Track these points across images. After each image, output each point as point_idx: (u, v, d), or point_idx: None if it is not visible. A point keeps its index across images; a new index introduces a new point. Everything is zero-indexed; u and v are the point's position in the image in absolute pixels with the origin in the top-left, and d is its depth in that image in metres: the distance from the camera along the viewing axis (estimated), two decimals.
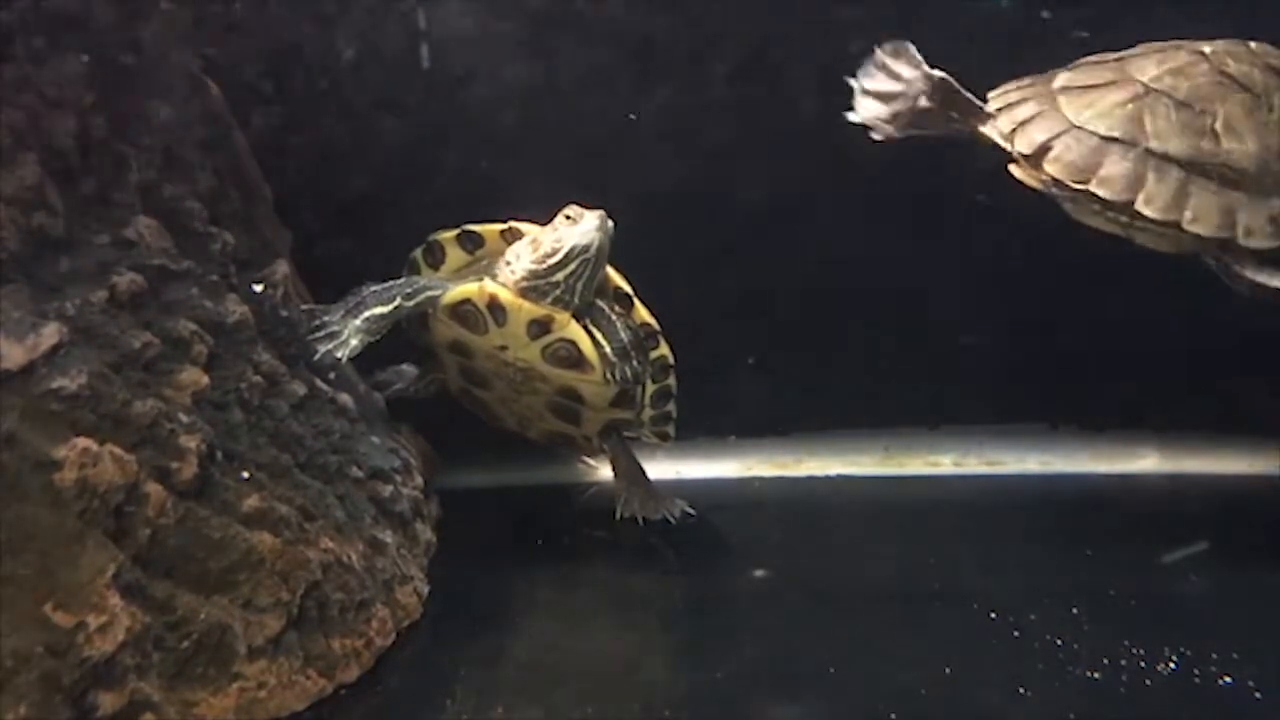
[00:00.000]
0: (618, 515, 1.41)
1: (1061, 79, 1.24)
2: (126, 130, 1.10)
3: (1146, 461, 1.65)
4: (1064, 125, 1.19)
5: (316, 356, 1.22)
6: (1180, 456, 1.65)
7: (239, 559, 0.95)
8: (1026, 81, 1.26)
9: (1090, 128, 1.18)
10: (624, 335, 1.33)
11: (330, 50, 1.53)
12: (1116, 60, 1.23)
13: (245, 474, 1.01)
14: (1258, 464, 1.61)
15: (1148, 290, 1.43)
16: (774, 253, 1.62)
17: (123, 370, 0.95)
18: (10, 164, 0.97)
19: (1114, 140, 1.16)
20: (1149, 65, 1.20)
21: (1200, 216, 1.13)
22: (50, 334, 0.90)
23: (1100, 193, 1.14)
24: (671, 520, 1.41)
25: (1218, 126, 1.15)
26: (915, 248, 1.57)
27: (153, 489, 0.91)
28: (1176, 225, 1.13)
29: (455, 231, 1.36)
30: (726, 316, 1.63)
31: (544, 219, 1.31)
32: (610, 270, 1.34)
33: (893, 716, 0.93)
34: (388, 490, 1.20)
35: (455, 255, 1.36)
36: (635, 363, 1.34)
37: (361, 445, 1.21)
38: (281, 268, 1.28)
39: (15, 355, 0.87)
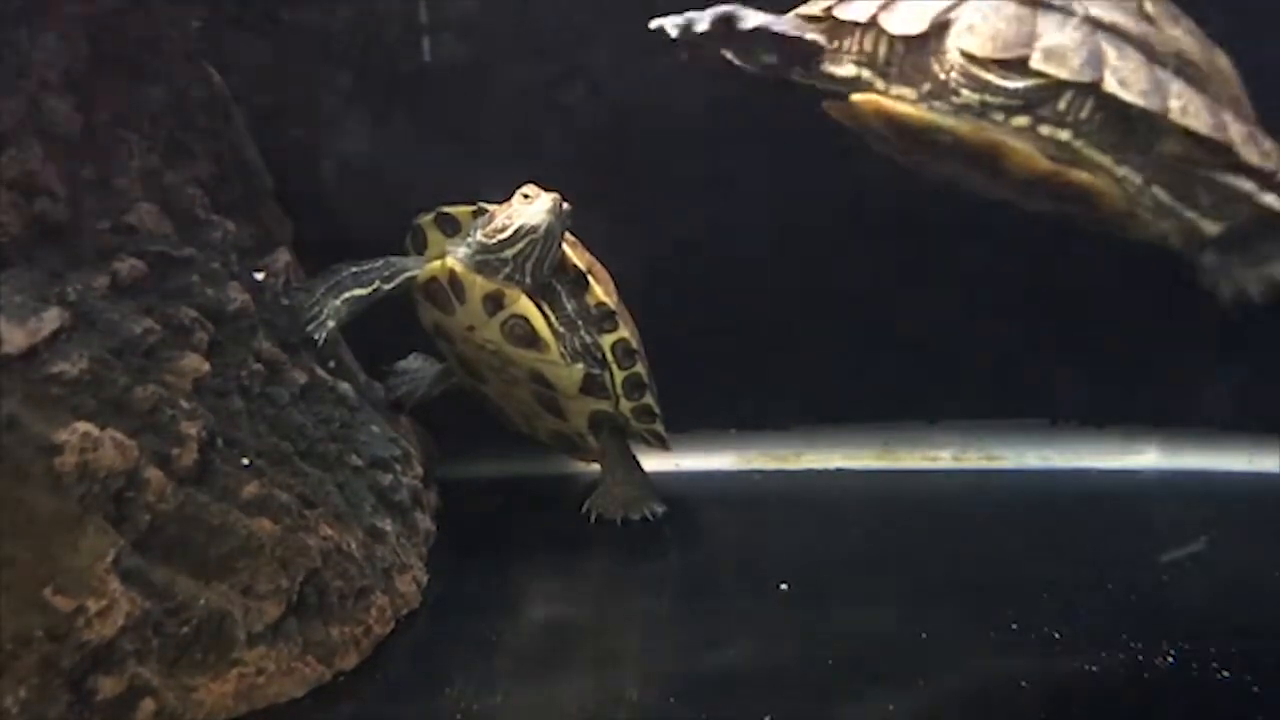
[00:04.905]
0: (585, 510, 1.41)
1: None
2: (128, 117, 1.10)
3: (1146, 457, 1.65)
4: None
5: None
6: (1180, 453, 1.65)
7: (239, 545, 0.95)
8: None
9: None
10: (569, 306, 1.35)
11: None
12: None
13: (245, 461, 1.01)
14: (1258, 461, 1.61)
15: (1149, 286, 1.43)
16: (776, 250, 1.62)
17: (124, 356, 0.95)
18: (12, 149, 0.97)
19: (1041, 5, 0.85)
20: None
21: (1191, 108, 0.84)
22: (52, 319, 0.90)
23: (1050, 70, 0.83)
24: (650, 519, 1.41)
25: (1148, 10, 0.88)
26: (916, 245, 1.57)
27: (153, 474, 0.91)
28: (1161, 117, 0.84)
29: (432, 215, 1.36)
30: (728, 312, 1.63)
31: None
32: (569, 250, 1.34)
33: (891, 709, 0.93)
34: (387, 479, 1.20)
35: (436, 238, 1.37)
36: (584, 334, 1.35)
37: (361, 434, 1.21)
38: (283, 256, 1.28)
39: (17, 339, 0.87)
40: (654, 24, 1.02)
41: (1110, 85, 0.84)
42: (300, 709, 0.95)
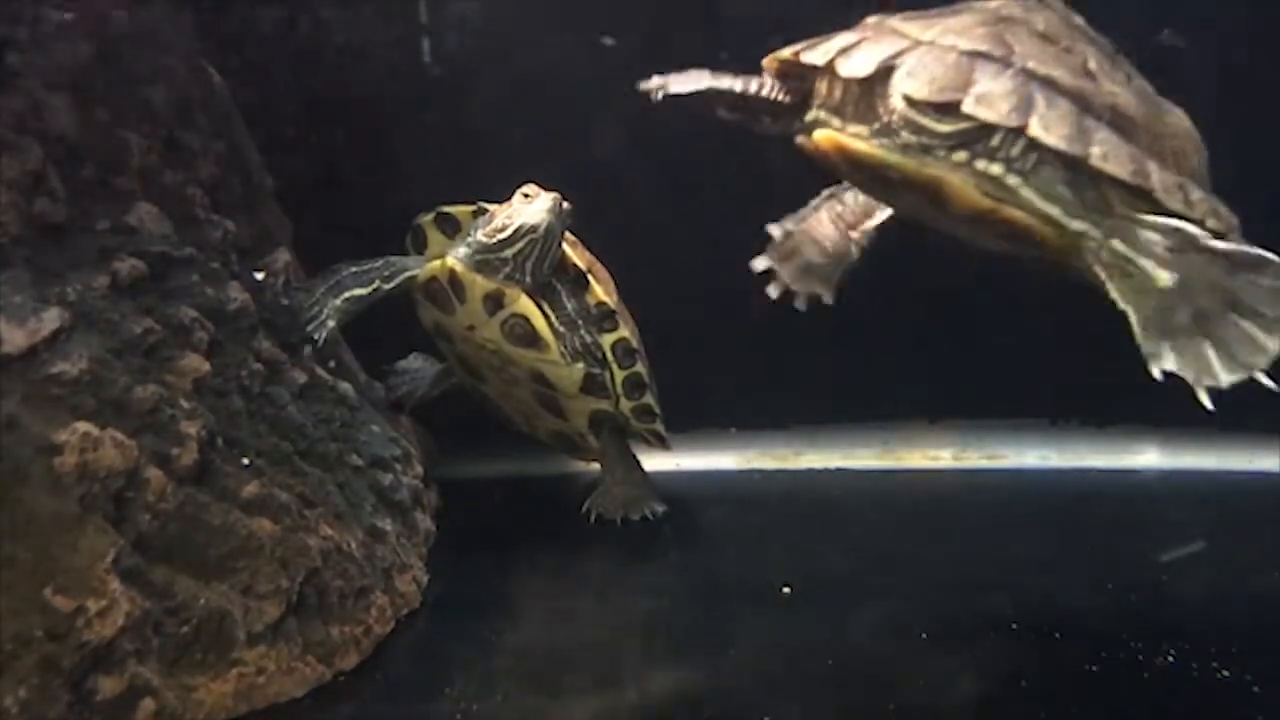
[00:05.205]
0: (585, 510, 1.41)
1: (874, 19, 1.00)
2: (128, 117, 1.10)
3: (1147, 457, 1.66)
4: (907, 42, 0.93)
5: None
6: (1180, 452, 1.65)
7: (239, 545, 0.95)
8: (816, 39, 1.02)
9: (946, 43, 0.92)
10: (569, 306, 1.35)
11: None
12: (937, 10, 1.00)
13: (245, 461, 1.01)
14: (1257, 460, 1.61)
15: None
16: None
17: (124, 356, 0.95)
18: (12, 149, 0.97)
19: (981, 55, 0.91)
20: (987, 3, 0.98)
21: (1112, 155, 0.89)
22: (52, 319, 0.90)
23: (979, 113, 0.88)
24: (650, 518, 1.41)
25: (1091, 67, 0.94)
26: (917, 244, 1.57)
27: (153, 474, 0.91)
28: (1081, 161, 0.89)
29: (432, 214, 1.37)
30: (728, 312, 1.63)
31: None
32: (569, 250, 1.34)
33: (891, 708, 0.93)
34: (388, 478, 1.20)
35: (436, 238, 1.37)
36: (584, 334, 1.35)
37: (362, 433, 1.21)
38: (283, 256, 1.28)
39: (17, 340, 0.87)
40: (641, 87, 1.12)
41: (1034, 129, 0.88)
42: (300, 709, 0.95)
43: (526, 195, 1.29)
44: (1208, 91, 1.22)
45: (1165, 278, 0.92)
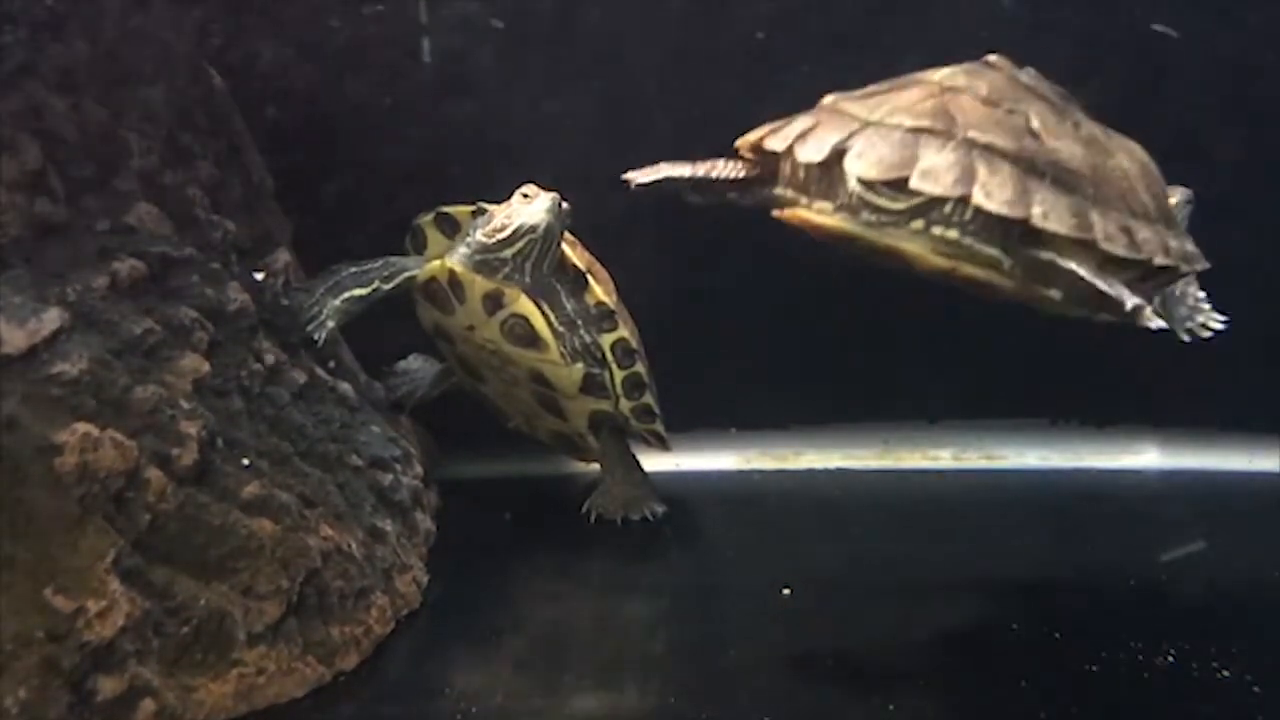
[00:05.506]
0: (585, 510, 1.41)
1: (830, 99, 1.07)
2: (128, 117, 1.10)
3: (1146, 457, 1.66)
4: (857, 124, 1.00)
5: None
6: (1180, 452, 1.65)
7: (239, 545, 0.95)
8: (780, 122, 1.09)
9: (892, 122, 0.99)
10: (568, 306, 1.35)
11: None
12: (889, 84, 1.07)
13: (245, 461, 1.01)
14: (1257, 461, 1.61)
15: None
16: (776, 247, 1.62)
17: (124, 356, 0.95)
18: (12, 150, 0.97)
19: (925, 131, 0.97)
20: (934, 74, 1.05)
21: (1052, 213, 0.95)
22: (51, 319, 0.90)
23: (925, 188, 0.94)
24: (650, 519, 1.41)
25: (1035, 126, 0.99)
26: None
27: (153, 475, 0.91)
28: (1024, 222, 0.94)
29: (432, 215, 1.36)
30: (727, 310, 1.63)
31: None
32: (568, 250, 1.34)
33: (891, 709, 0.93)
34: (388, 479, 1.20)
35: (435, 238, 1.37)
36: (584, 334, 1.35)
37: (362, 434, 1.21)
38: (283, 256, 1.28)
39: (17, 340, 0.87)
40: (622, 179, 1.19)
41: (977, 198, 0.94)
42: (300, 709, 0.95)
43: (526, 195, 1.29)
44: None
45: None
